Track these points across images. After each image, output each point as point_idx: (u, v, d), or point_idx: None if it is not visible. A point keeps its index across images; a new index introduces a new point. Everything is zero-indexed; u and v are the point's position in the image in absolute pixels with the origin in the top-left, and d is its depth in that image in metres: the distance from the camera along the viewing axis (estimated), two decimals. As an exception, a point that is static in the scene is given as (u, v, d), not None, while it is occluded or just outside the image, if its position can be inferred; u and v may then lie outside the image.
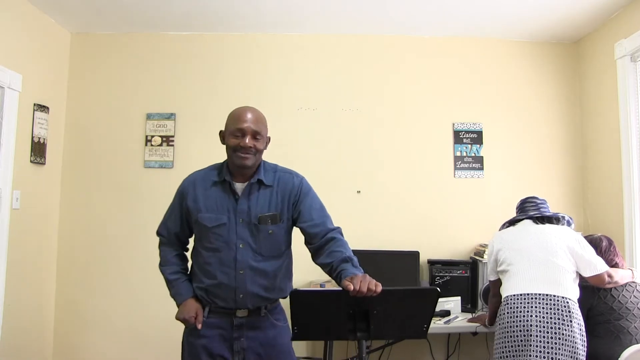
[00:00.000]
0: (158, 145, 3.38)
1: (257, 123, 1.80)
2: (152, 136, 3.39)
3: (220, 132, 1.88)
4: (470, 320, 2.80)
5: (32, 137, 3.00)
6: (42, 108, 3.09)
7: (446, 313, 2.88)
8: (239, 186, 1.82)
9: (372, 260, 3.15)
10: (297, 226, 1.87)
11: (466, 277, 3.13)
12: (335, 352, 2.92)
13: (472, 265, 3.15)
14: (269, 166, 1.90)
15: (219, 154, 3.41)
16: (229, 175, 1.82)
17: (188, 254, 1.99)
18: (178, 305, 1.85)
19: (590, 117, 3.37)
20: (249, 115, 1.80)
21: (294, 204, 1.85)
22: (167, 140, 3.39)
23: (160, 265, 1.94)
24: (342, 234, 1.83)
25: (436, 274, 3.14)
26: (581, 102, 3.46)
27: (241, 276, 1.76)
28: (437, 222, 3.36)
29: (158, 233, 1.97)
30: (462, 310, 3.01)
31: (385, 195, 3.38)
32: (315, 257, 1.81)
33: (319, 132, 3.41)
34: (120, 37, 3.45)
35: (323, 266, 1.76)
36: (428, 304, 1.53)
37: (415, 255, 3.15)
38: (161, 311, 3.26)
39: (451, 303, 2.93)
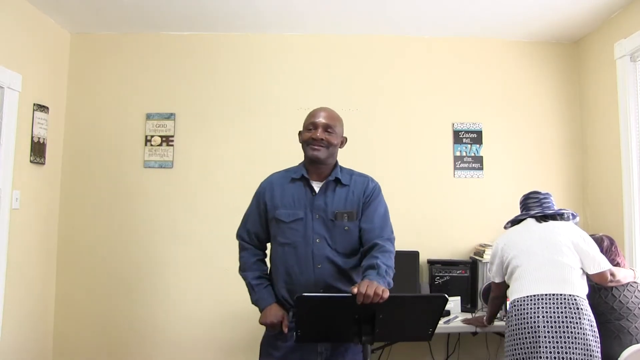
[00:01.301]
0: (158, 145, 3.38)
1: (330, 118, 1.91)
2: (152, 136, 3.39)
3: (299, 132, 1.97)
4: (465, 322, 2.79)
5: (32, 137, 3.00)
6: (42, 108, 3.09)
7: (446, 313, 2.88)
8: (316, 184, 1.89)
9: (372, 260, 3.16)
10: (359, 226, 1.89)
11: (466, 277, 3.13)
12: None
13: (472, 265, 3.15)
14: (345, 169, 1.99)
15: (219, 154, 3.44)
16: (307, 173, 1.89)
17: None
18: (261, 311, 1.85)
19: (590, 117, 3.37)
20: (323, 111, 1.93)
21: (364, 203, 1.91)
22: (167, 140, 3.39)
23: (241, 270, 1.95)
24: (392, 242, 1.86)
25: (436, 274, 3.14)
26: (581, 102, 3.46)
27: (319, 270, 1.80)
28: (437, 222, 3.36)
29: (238, 236, 2.00)
30: (462, 310, 3.01)
31: (385, 195, 3.34)
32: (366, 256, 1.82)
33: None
34: (120, 37, 3.45)
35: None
36: (435, 309, 1.53)
37: (415, 255, 3.14)
38: (161, 311, 3.27)
39: (451, 303, 2.93)
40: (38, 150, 3.06)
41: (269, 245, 2.00)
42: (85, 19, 3.24)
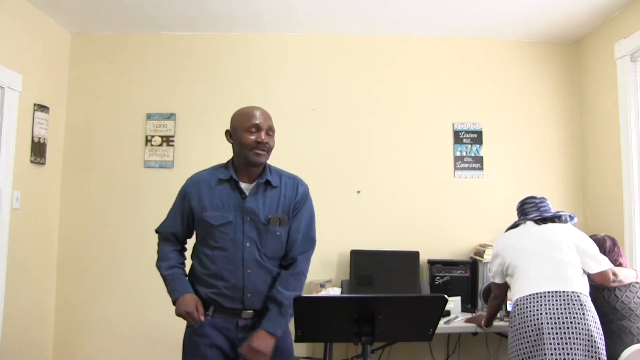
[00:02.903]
0: (158, 145, 3.38)
1: (268, 119, 1.85)
2: (152, 136, 3.39)
3: (227, 131, 1.92)
4: (467, 321, 2.79)
5: (32, 137, 3.00)
6: (42, 108, 3.09)
7: (446, 313, 2.88)
8: (245, 186, 1.83)
9: (372, 260, 3.16)
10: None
11: (466, 277, 3.13)
12: (336, 352, 2.92)
13: (472, 265, 3.15)
14: (273, 169, 1.91)
15: (219, 154, 3.41)
16: (235, 174, 1.83)
17: (187, 254, 1.98)
18: (174, 302, 1.80)
19: (590, 117, 3.37)
20: (261, 112, 1.85)
21: (294, 209, 1.87)
22: (167, 140, 3.39)
23: (157, 261, 1.90)
24: (308, 256, 1.88)
25: (436, 274, 3.14)
26: (581, 102, 3.46)
27: (249, 275, 1.77)
28: (437, 222, 3.36)
29: (157, 231, 1.96)
30: (462, 310, 3.01)
31: (385, 195, 3.38)
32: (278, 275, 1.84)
33: (319, 132, 3.41)
34: (120, 37, 3.45)
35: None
36: (434, 309, 1.53)
37: (415, 255, 3.15)
38: (161, 311, 3.26)
39: (451, 303, 2.93)
40: (38, 150, 3.06)
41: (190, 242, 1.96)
42: (85, 19, 3.24)
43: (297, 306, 1.48)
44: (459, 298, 3.02)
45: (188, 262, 1.96)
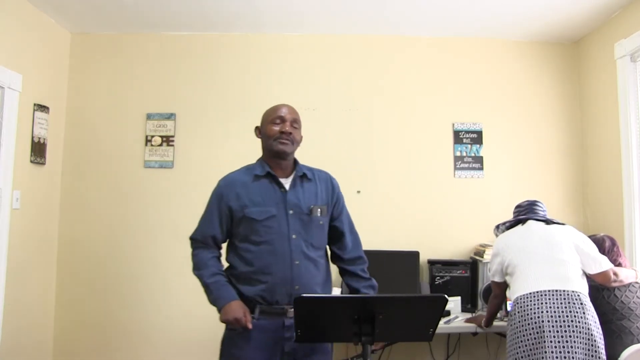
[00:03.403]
0: (158, 145, 3.38)
1: (295, 114, 1.93)
2: (152, 136, 3.39)
3: (256, 127, 1.98)
4: (467, 321, 2.79)
5: (32, 137, 3.00)
6: (42, 108, 3.09)
7: (446, 313, 2.88)
8: (283, 180, 1.88)
9: (372, 260, 3.13)
10: (331, 224, 1.96)
11: (466, 277, 3.13)
12: (335, 352, 2.91)
13: (472, 265, 3.15)
14: (302, 164, 1.97)
15: (219, 154, 3.44)
16: (271, 169, 1.88)
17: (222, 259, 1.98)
18: (219, 309, 1.78)
19: (590, 117, 3.37)
20: (287, 107, 1.94)
21: (334, 203, 1.96)
22: (167, 140, 3.39)
23: (195, 269, 1.88)
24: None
25: (436, 274, 3.14)
26: (581, 102, 3.46)
27: (297, 267, 1.79)
28: (437, 222, 3.36)
29: (192, 238, 1.94)
30: (462, 310, 3.01)
31: (385, 195, 3.38)
32: (342, 266, 1.99)
33: (319, 132, 3.41)
34: (120, 37, 3.45)
35: (348, 287, 2.00)
36: (435, 309, 1.53)
37: (415, 255, 3.14)
38: (161, 311, 3.27)
39: (451, 303, 2.93)
40: (38, 150, 3.06)
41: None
42: (85, 18, 3.24)
43: (297, 306, 1.48)
44: (459, 298, 3.02)
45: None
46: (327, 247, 2.01)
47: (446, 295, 1.49)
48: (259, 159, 1.97)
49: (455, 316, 2.88)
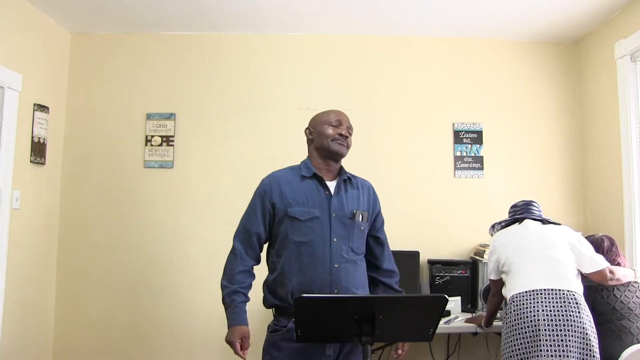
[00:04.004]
0: (158, 145, 3.38)
1: (349, 122, 1.95)
2: (152, 136, 3.38)
3: (307, 128, 1.97)
4: (467, 321, 2.79)
5: (32, 137, 3.00)
6: (42, 108, 3.09)
7: (446, 313, 2.88)
8: (329, 183, 1.89)
9: (372, 260, 3.16)
10: (373, 235, 1.99)
11: (466, 277, 3.13)
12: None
13: (472, 265, 3.15)
14: (346, 171, 1.99)
15: (219, 154, 3.44)
16: (317, 171, 1.89)
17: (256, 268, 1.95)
18: (229, 326, 1.78)
19: (590, 117, 3.37)
20: (344, 113, 1.97)
21: (377, 213, 1.99)
22: (167, 140, 3.39)
23: (223, 278, 1.85)
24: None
25: (436, 274, 3.14)
26: (581, 102, 3.46)
27: (336, 270, 1.79)
28: (437, 222, 3.36)
29: (235, 240, 1.89)
30: (462, 310, 3.01)
31: (385, 195, 3.34)
32: (376, 277, 2.01)
33: (319, 132, 3.40)
34: (120, 37, 3.45)
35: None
36: (435, 309, 1.52)
37: (415, 255, 3.14)
38: (161, 311, 3.27)
39: (451, 303, 2.93)
40: (38, 150, 3.06)
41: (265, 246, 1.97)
42: (85, 18, 3.24)
43: (297, 306, 1.48)
44: (459, 298, 3.02)
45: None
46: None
47: (446, 295, 1.49)
48: (303, 161, 1.96)
49: (455, 316, 2.88)
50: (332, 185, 1.89)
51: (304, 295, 1.54)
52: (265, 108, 3.41)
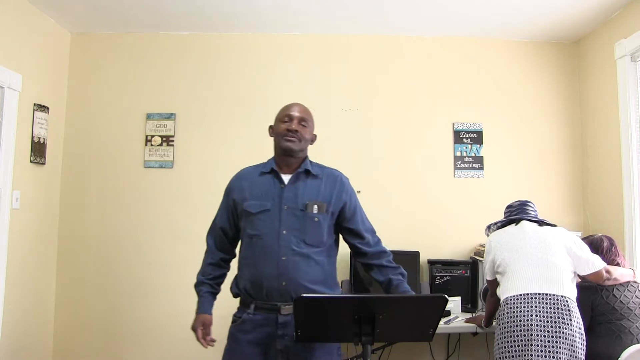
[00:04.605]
0: (158, 145, 3.38)
1: (304, 112, 1.96)
2: (152, 136, 3.39)
3: (270, 126, 2.01)
4: (467, 321, 2.79)
5: (32, 137, 3.00)
6: (42, 108, 3.09)
7: (446, 313, 2.88)
8: (285, 176, 1.91)
9: (372, 260, 3.15)
10: (345, 226, 1.96)
11: (466, 277, 3.13)
12: (335, 352, 2.92)
13: (472, 265, 3.15)
14: (315, 163, 2.00)
15: (219, 154, 3.44)
16: (276, 166, 1.92)
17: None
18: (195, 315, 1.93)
19: (590, 117, 3.37)
20: (297, 106, 1.98)
21: (343, 204, 1.94)
22: (167, 140, 3.39)
23: (198, 272, 2.02)
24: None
25: (436, 274, 3.14)
26: (581, 102, 3.46)
27: (284, 263, 1.80)
28: (437, 222, 3.36)
29: (207, 233, 2.05)
30: (462, 310, 3.01)
31: (385, 195, 3.38)
32: (367, 262, 2.01)
33: (319, 132, 3.38)
34: (120, 37, 3.45)
35: (377, 280, 2.00)
36: (435, 309, 1.53)
37: (415, 255, 3.14)
38: (161, 310, 3.27)
39: (451, 303, 2.93)
40: (38, 150, 3.06)
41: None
42: (85, 18, 3.24)
43: (297, 306, 1.48)
44: (459, 298, 3.02)
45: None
46: (337, 247, 2.01)
47: (446, 295, 1.49)
48: (271, 157, 2.00)
49: (455, 316, 2.88)
50: (288, 178, 1.91)
51: (304, 295, 1.54)
52: (266, 108, 3.38)
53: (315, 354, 1.79)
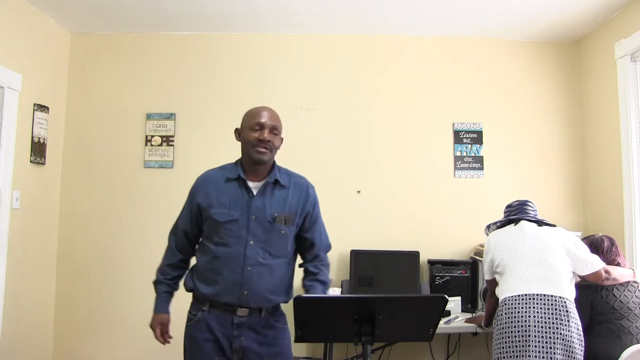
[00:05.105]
0: (158, 145, 3.38)
1: (275, 119, 1.87)
2: (152, 136, 3.39)
3: (236, 129, 1.95)
4: (467, 321, 2.79)
5: (32, 137, 3.00)
6: (42, 108, 3.09)
7: (446, 313, 2.88)
8: (253, 184, 1.85)
9: (372, 260, 3.16)
10: (301, 235, 1.94)
11: (466, 277, 3.13)
12: (335, 352, 2.92)
13: (472, 265, 3.15)
14: (283, 169, 1.94)
15: (219, 154, 3.41)
16: (243, 173, 1.85)
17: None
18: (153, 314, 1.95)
19: (590, 117, 3.37)
20: (267, 112, 1.87)
21: (306, 214, 1.92)
22: (167, 140, 3.39)
23: (157, 269, 2.00)
24: (327, 253, 2.05)
25: (436, 274, 3.14)
26: (581, 102, 3.46)
27: (248, 273, 1.78)
28: (437, 222, 3.36)
29: (169, 235, 2.04)
30: (462, 310, 3.01)
31: (385, 195, 3.38)
32: (305, 271, 2.00)
33: (319, 132, 3.41)
34: (120, 37, 3.45)
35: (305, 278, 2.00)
36: (435, 310, 1.53)
37: (415, 255, 3.15)
38: (161, 311, 3.27)
39: (451, 303, 2.93)
40: (38, 150, 3.06)
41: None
42: (85, 18, 3.24)
43: (297, 306, 1.48)
44: (459, 298, 3.02)
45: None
46: (296, 255, 2.01)
47: (446, 295, 1.49)
48: (238, 160, 1.94)
49: (455, 316, 2.88)
50: (256, 187, 1.85)
51: (304, 295, 1.54)
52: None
53: (271, 354, 1.81)
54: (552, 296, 2.11)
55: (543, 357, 2.02)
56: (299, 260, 2.02)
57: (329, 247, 2.04)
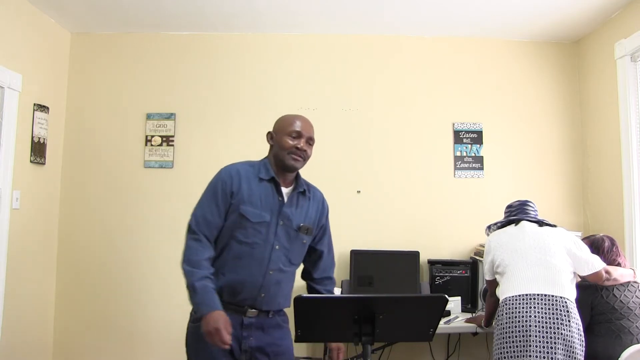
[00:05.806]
0: (158, 145, 3.38)
1: (311, 131, 1.90)
2: (152, 136, 3.39)
3: (269, 132, 1.92)
4: (467, 321, 2.79)
5: (32, 137, 3.00)
6: (42, 108, 3.09)
7: (446, 313, 2.88)
8: (284, 190, 1.86)
9: (372, 260, 3.16)
10: (311, 245, 1.96)
11: (466, 277, 3.13)
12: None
13: (472, 265, 3.15)
14: (302, 179, 1.94)
15: (219, 154, 3.44)
16: (277, 176, 1.85)
17: None
18: (201, 317, 1.66)
19: (590, 117, 3.37)
20: (306, 122, 1.89)
21: (321, 226, 1.96)
22: (167, 140, 3.39)
23: (186, 264, 1.74)
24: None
25: (436, 274, 3.14)
26: (581, 102, 3.46)
27: (270, 276, 1.79)
28: (437, 222, 3.36)
29: (193, 222, 1.80)
30: (462, 310, 3.01)
31: (385, 195, 3.38)
32: (310, 284, 2.03)
33: (319, 132, 3.36)
34: (120, 37, 3.45)
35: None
36: (435, 309, 1.53)
37: (415, 255, 3.15)
38: (161, 310, 3.27)
39: (451, 303, 2.93)
40: (38, 150, 3.06)
41: None
42: (85, 18, 3.24)
43: (298, 306, 1.48)
44: (459, 298, 3.02)
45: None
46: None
47: (446, 295, 1.49)
48: (263, 160, 1.92)
49: (455, 316, 2.88)
50: (286, 193, 1.86)
51: (304, 295, 1.54)
52: (265, 108, 3.41)
53: (278, 353, 1.82)
54: (552, 296, 2.11)
55: (544, 357, 2.02)
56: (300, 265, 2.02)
57: (334, 264, 2.08)
